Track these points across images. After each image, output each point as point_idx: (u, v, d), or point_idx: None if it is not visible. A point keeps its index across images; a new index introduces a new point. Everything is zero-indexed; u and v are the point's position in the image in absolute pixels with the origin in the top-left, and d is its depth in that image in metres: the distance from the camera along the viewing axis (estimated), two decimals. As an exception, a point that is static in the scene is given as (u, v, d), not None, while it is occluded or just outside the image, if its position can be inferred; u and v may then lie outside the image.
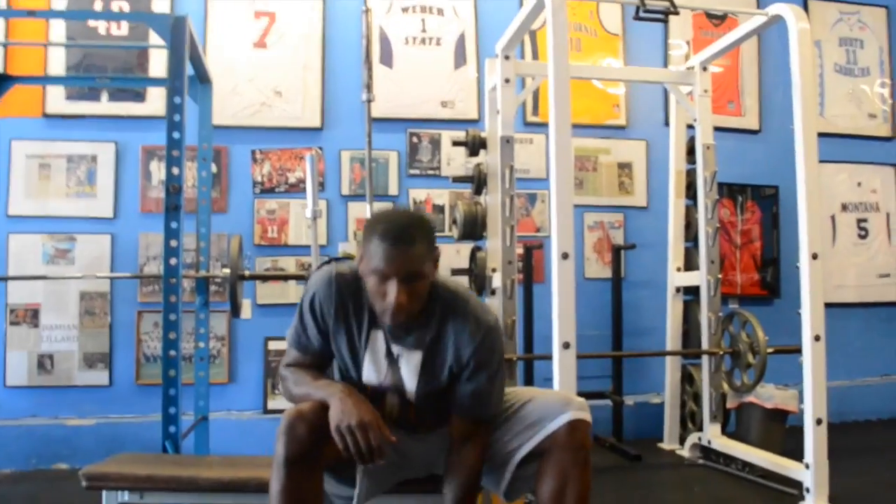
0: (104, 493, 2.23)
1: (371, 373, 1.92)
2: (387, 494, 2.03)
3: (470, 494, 1.91)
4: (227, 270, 3.52)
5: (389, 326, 1.86)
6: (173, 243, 3.03)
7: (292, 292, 4.43)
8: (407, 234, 1.74)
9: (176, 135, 3.04)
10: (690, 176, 4.56)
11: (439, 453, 2.00)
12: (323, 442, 1.75)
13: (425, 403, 1.94)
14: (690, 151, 4.55)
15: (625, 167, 5.03)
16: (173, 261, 3.03)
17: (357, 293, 1.87)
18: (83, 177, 4.38)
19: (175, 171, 3.03)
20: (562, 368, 2.99)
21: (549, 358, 3.08)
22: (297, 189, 4.52)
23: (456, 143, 4.05)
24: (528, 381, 4.25)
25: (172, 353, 3.00)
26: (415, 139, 4.71)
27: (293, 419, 1.74)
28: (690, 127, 4.52)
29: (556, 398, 1.93)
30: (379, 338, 1.90)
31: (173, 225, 3.03)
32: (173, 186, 3.03)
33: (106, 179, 4.39)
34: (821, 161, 3.47)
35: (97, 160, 4.39)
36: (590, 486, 1.86)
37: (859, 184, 5.48)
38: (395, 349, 1.90)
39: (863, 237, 5.47)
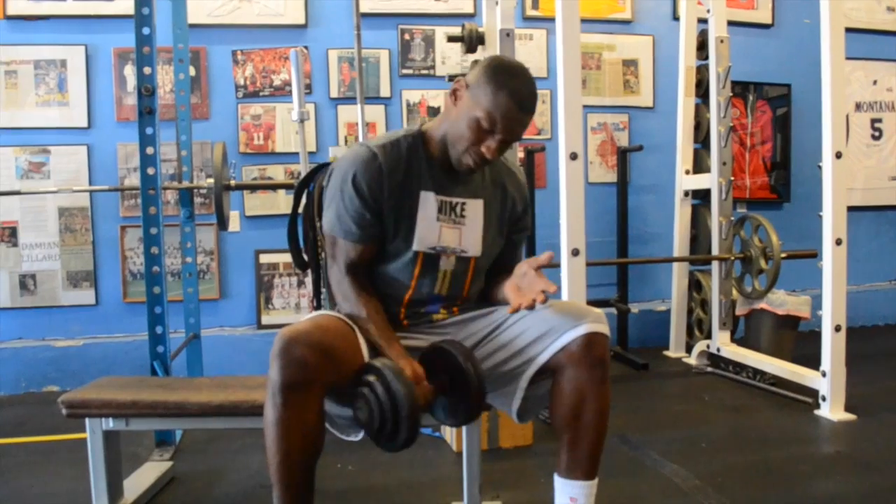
0: (87, 420, 2.09)
1: (423, 239, 1.81)
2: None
3: None
4: (212, 180, 3.29)
5: (443, 183, 1.83)
6: (149, 151, 2.81)
7: (282, 202, 4.22)
8: (532, 103, 1.73)
9: (146, 30, 2.77)
10: (700, 73, 4.32)
11: None
12: (324, 362, 1.57)
13: (482, 262, 1.90)
14: (701, 46, 4.31)
15: (630, 65, 4.75)
16: (151, 170, 2.82)
17: (400, 161, 1.79)
18: (53, 84, 4.10)
19: (147, 70, 2.77)
20: (571, 277, 2.84)
21: (553, 266, 2.93)
22: (282, 92, 4.25)
23: (451, 39, 3.75)
24: (531, 291, 4.11)
25: (156, 269, 2.83)
26: (407, 36, 4.41)
27: (289, 340, 1.55)
28: (701, 21, 4.26)
29: (569, 309, 1.74)
30: (430, 199, 1.81)
31: (148, 131, 2.80)
32: (146, 88, 2.77)
33: (78, 86, 4.12)
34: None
35: (67, 65, 4.10)
36: (609, 404, 1.72)
37: (875, 82, 5.23)
38: (457, 201, 1.84)
39: (876, 138, 5.26)
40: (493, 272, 1.94)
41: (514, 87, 1.68)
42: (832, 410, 3.12)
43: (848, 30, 3.23)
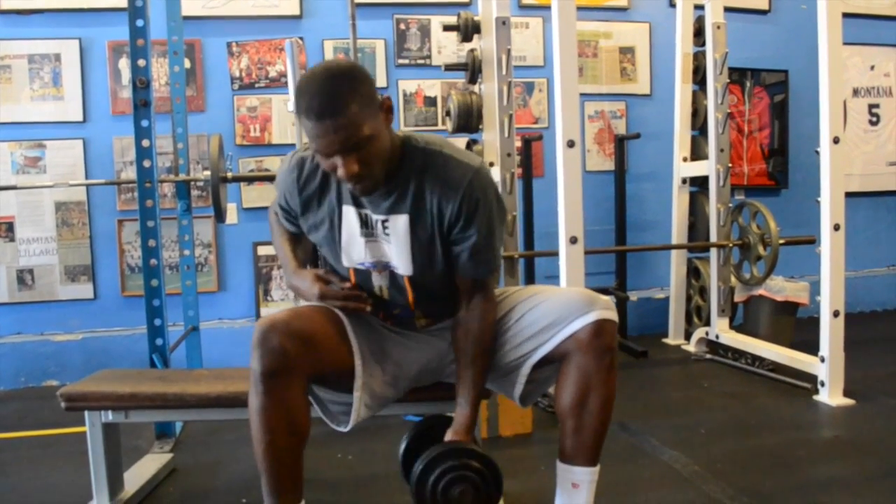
0: (86, 413, 2.09)
1: (350, 255, 1.76)
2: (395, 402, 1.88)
3: (481, 369, 1.75)
4: (208, 173, 3.28)
5: (362, 197, 1.69)
6: (145, 143, 2.80)
7: (279, 194, 4.21)
8: (331, 104, 1.49)
9: (139, 22, 2.75)
10: (698, 60, 4.31)
11: (445, 358, 1.85)
12: (304, 350, 1.59)
13: (423, 280, 1.74)
14: (698, 33, 4.29)
15: (627, 52, 4.73)
16: (147, 163, 2.82)
17: (315, 174, 1.74)
18: (48, 78, 4.08)
19: (141, 63, 2.77)
20: (569, 265, 2.84)
21: (551, 254, 2.94)
22: (278, 84, 4.23)
23: (447, 28, 3.73)
24: (530, 279, 4.12)
25: (153, 261, 2.83)
26: (402, 26, 4.39)
27: (266, 329, 1.57)
28: (697, 7, 4.24)
29: (578, 296, 1.73)
30: (350, 214, 1.72)
31: (144, 123, 2.80)
32: (140, 80, 2.76)
33: (72, 80, 4.11)
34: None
35: (61, 59, 4.08)
36: (615, 392, 1.72)
37: (872, 67, 5.21)
38: (377, 217, 1.70)
39: (874, 124, 5.24)
40: (455, 286, 1.78)
41: (306, 106, 1.51)
42: (831, 396, 3.13)
43: (845, 15, 3.22)
